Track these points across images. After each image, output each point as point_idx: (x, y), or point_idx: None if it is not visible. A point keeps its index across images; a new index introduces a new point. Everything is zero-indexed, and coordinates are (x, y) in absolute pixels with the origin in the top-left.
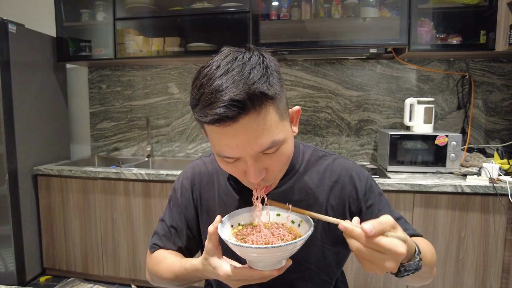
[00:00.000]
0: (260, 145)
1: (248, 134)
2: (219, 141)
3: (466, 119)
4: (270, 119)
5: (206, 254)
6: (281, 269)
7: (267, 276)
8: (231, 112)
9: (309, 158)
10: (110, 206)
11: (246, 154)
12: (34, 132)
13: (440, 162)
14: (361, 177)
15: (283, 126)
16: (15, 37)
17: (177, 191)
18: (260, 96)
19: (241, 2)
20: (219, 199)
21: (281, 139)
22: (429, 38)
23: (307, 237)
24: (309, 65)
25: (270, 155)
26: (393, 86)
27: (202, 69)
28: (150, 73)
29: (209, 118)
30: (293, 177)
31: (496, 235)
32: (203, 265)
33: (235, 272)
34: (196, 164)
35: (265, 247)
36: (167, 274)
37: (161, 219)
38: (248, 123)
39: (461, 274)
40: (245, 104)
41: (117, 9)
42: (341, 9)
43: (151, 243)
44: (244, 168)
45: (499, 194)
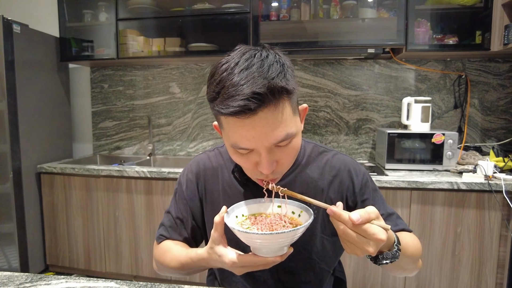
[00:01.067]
0: (276, 137)
1: (265, 126)
2: (236, 133)
3: (462, 118)
4: (285, 112)
5: (212, 243)
6: (283, 256)
7: (270, 262)
8: (253, 104)
9: (310, 153)
10: (113, 203)
11: (261, 146)
12: (37, 130)
13: (437, 160)
14: (358, 172)
15: (295, 120)
16: (19, 37)
17: (182, 184)
18: (279, 90)
19: (241, 3)
20: (223, 191)
21: (293, 132)
22: (426, 38)
23: (308, 224)
24: (308, 65)
25: (282, 148)
26: (391, 85)
27: (220, 65)
28: (152, 73)
29: (230, 110)
30: (295, 170)
31: (491, 231)
32: (209, 253)
33: (240, 259)
34: (200, 158)
35: (269, 233)
36: (173, 264)
37: (167, 211)
38: (266, 116)
39: (457, 270)
40: (265, 97)
41: (119, 10)
42: (339, 10)
43: (158, 234)
44: (256, 160)
45: (494, 191)
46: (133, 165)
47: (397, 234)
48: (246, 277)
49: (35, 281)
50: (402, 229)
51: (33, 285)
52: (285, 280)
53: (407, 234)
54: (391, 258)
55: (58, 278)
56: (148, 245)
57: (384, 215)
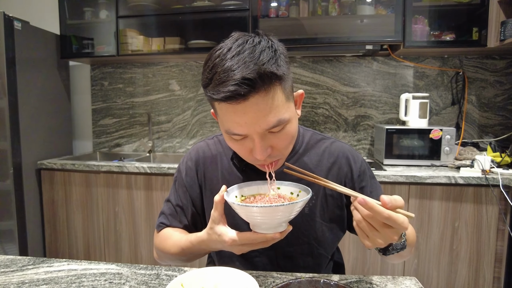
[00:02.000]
0: (267, 123)
1: (257, 112)
2: (229, 119)
3: (460, 114)
4: (277, 98)
5: (211, 223)
6: (282, 233)
7: (269, 239)
8: (243, 90)
9: (308, 140)
10: (112, 199)
11: (254, 132)
12: (37, 128)
13: (434, 156)
14: (356, 159)
15: (288, 106)
16: (20, 34)
17: (182, 172)
18: (269, 76)
19: (240, 0)
20: (222, 178)
21: (286, 118)
22: (424, 35)
23: (306, 199)
24: (307, 62)
25: (275, 134)
26: (389, 82)
27: (214, 51)
28: (152, 70)
29: (221, 95)
30: (294, 157)
31: (489, 225)
32: (209, 234)
33: (240, 236)
34: (200, 146)
35: (268, 205)
36: (174, 249)
37: (167, 200)
38: (257, 102)
39: (455, 264)
40: (255, 83)
41: (120, 7)
42: (338, 7)
43: (158, 222)
44: (250, 146)
45: (491, 185)
46: (133, 161)
47: None
48: (245, 263)
49: (37, 263)
50: None
51: (35, 267)
52: (283, 265)
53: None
54: (400, 248)
55: (59, 261)
56: (148, 241)
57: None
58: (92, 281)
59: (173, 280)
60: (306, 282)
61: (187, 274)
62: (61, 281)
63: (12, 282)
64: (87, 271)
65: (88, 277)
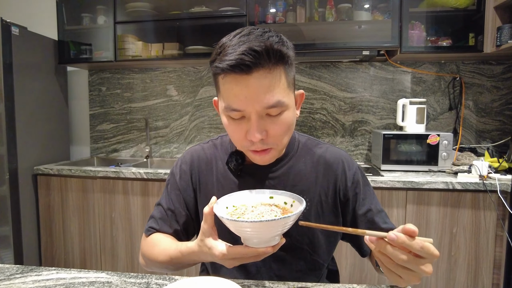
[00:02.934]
0: (267, 101)
1: (259, 87)
2: (231, 92)
3: (457, 119)
4: (280, 80)
5: (202, 235)
6: (275, 247)
7: (261, 253)
8: (248, 59)
9: (304, 145)
10: (109, 205)
11: (252, 109)
12: (34, 133)
13: (432, 161)
14: (350, 166)
15: (289, 94)
16: (18, 39)
17: (175, 175)
18: (276, 54)
19: (238, 7)
20: (217, 182)
21: (286, 102)
22: (420, 40)
23: (299, 213)
24: (304, 68)
25: (272, 118)
26: (386, 88)
27: (224, 38)
28: (149, 76)
29: (227, 63)
30: (289, 162)
31: (487, 231)
32: (199, 246)
33: (230, 251)
34: (194, 149)
35: (259, 221)
36: (162, 257)
37: (157, 204)
38: (260, 77)
39: (454, 270)
40: (261, 56)
41: (118, 13)
42: (334, 13)
43: (147, 227)
44: (246, 128)
45: (489, 190)
46: (130, 167)
47: None
48: (238, 266)
49: (26, 272)
50: (390, 228)
51: (23, 276)
52: (276, 268)
53: None
54: None
55: (49, 269)
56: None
57: (373, 211)
58: None
59: None
60: None
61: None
62: None
63: None
64: (76, 279)
65: (77, 286)
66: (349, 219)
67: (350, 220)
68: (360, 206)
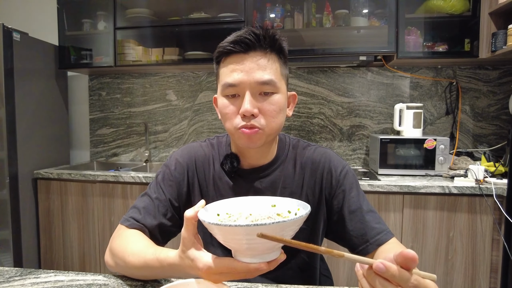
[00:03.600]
0: (261, 76)
1: (255, 64)
2: (229, 69)
3: (454, 124)
4: (274, 64)
5: (182, 246)
6: (271, 263)
7: (252, 270)
8: (248, 37)
9: (294, 148)
10: (108, 208)
11: (247, 83)
12: (35, 137)
13: (429, 165)
14: (337, 164)
15: (281, 81)
16: (19, 45)
17: (170, 166)
18: (273, 39)
19: (236, 13)
20: (214, 182)
21: (277, 84)
22: (417, 45)
23: (300, 218)
24: (302, 73)
25: (265, 98)
26: (383, 92)
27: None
28: (149, 81)
29: (228, 40)
30: (280, 166)
31: (484, 235)
32: (181, 258)
33: (217, 263)
34: (192, 146)
35: (245, 224)
36: (134, 259)
37: (142, 194)
38: (256, 57)
39: (451, 274)
40: (259, 38)
41: (118, 19)
42: (332, 19)
43: (126, 216)
44: (240, 106)
45: (485, 194)
46: (129, 171)
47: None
48: None
49: (25, 275)
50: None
51: (22, 279)
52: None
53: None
54: None
55: (47, 272)
56: None
57: (363, 209)
58: None
59: None
60: None
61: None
62: None
63: None
64: (73, 282)
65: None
66: (336, 218)
67: (336, 220)
68: (348, 205)
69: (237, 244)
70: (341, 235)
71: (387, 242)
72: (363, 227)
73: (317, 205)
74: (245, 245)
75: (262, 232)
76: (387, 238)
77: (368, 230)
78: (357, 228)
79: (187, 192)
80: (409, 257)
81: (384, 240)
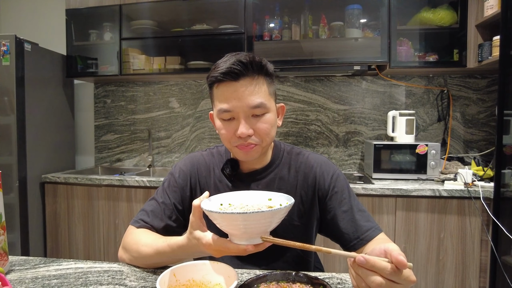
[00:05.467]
0: (252, 101)
1: (245, 91)
2: (223, 96)
3: (446, 130)
4: (262, 87)
5: (190, 228)
6: (258, 246)
7: (241, 250)
8: (237, 68)
9: (287, 154)
10: (113, 212)
11: (240, 109)
12: (42, 143)
13: (421, 170)
14: (329, 169)
15: (270, 100)
16: (30, 55)
17: (174, 174)
18: (259, 66)
19: (237, 24)
20: (215, 185)
21: (267, 105)
22: (408, 55)
23: (279, 210)
24: (299, 82)
25: (257, 118)
26: (377, 100)
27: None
28: (153, 89)
29: (219, 71)
30: (275, 169)
31: (473, 236)
32: (188, 239)
33: (216, 241)
34: (194, 155)
35: (230, 212)
36: (147, 249)
37: (150, 199)
38: (246, 84)
39: (442, 274)
40: (247, 66)
41: (123, 30)
42: (327, 30)
43: (136, 218)
44: (235, 127)
45: (473, 197)
46: (133, 175)
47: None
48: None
49: (48, 263)
50: (372, 227)
51: (46, 266)
52: (265, 257)
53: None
54: None
55: (67, 261)
56: None
57: (354, 209)
58: (96, 277)
59: (165, 271)
60: (280, 274)
61: (178, 265)
62: (69, 276)
63: (27, 277)
64: (92, 269)
65: (93, 273)
66: (329, 217)
67: (330, 218)
68: (340, 205)
69: (229, 228)
70: (334, 232)
71: (376, 237)
72: (354, 225)
73: (310, 205)
74: (233, 230)
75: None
76: (375, 234)
77: (358, 228)
78: (349, 226)
79: (190, 196)
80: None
81: (373, 236)
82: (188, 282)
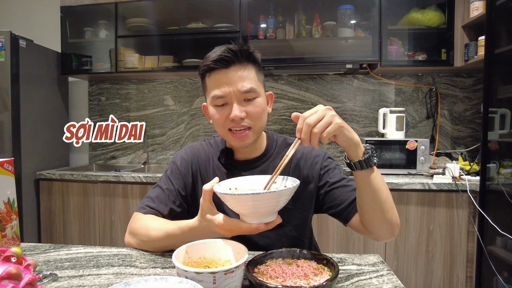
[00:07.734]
0: (243, 86)
1: (236, 77)
2: (215, 83)
3: (434, 127)
4: (252, 74)
5: (201, 211)
6: (269, 224)
7: (253, 229)
8: (228, 55)
9: (280, 144)
10: (109, 208)
11: (233, 94)
12: (37, 140)
13: (411, 165)
14: (319, 152)
15: (259, 86)
16: (24, 51)
17: (176, 162)
18: (248, 53)
19: (232, 23)
20: (214, 173)
21: (257, 90)
22: (399, 54)
23: (287, 191)
24: (293, 80)
25: (249, 102)
26: (369, 98)
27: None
28: (147, 87)
29: (210, 60)
30: (268, 159)
31: (460, 228)
32: (199, 221)
33: (227, 221)
34: (194, 145)
35: (238, 194)
36: (157, 233)
37: (154, 186)
38: (236, 70)
39: (431, 264)
40: (237, 54)
41: (119, 28)
42: (320, 29)
43: (142, 205)
44: (228, 112)
45: (460, 190)
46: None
47: None
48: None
49: (57, 248)
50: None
51: (56, 251)
52: (263, 246)
53: None
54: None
55: (76, 246)
56: None
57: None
58: (107, 260)
59: (180, 247)
60: (285, 251)
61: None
62: (81, 259)
63: (39, 260)
64: (101, 253)
65: (103, 257)
66: (324, 191)
67: (325, 189)
68: (332, 177)
69: (240, 209)
70: (330, 204)
71: None
72: (347, 194)
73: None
74: (245, 210)
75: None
76: None
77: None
78: (342, 197)
79: (192, 182)
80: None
81: None
82: (199, 259)
